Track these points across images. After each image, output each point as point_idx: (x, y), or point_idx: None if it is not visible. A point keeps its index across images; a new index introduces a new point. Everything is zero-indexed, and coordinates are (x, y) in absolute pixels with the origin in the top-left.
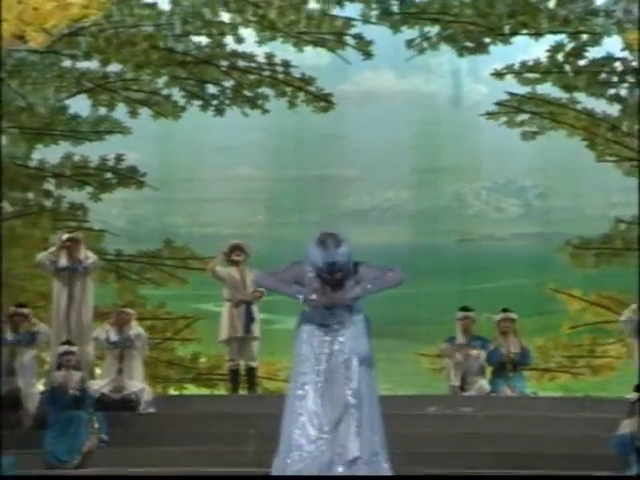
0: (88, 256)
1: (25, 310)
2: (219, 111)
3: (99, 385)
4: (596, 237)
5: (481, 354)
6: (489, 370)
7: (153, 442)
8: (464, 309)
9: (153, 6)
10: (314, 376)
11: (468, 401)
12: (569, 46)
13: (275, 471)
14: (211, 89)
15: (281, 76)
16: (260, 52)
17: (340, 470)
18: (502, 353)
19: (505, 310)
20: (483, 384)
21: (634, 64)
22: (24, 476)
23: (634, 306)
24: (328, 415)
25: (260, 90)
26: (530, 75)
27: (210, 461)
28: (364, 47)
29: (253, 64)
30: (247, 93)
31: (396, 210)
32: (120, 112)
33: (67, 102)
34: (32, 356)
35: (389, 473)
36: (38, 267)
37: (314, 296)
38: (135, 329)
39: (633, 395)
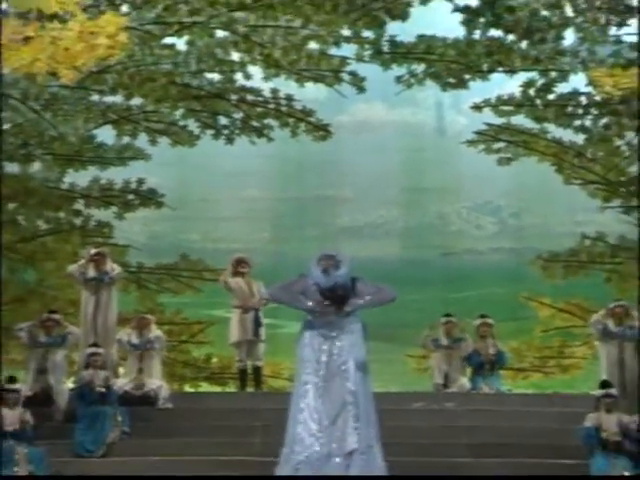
0: (113, 268)
1: (56, 316)
2: (229, 140)
3: (122, 383)
4: (564, 251)
5: (469, 343)
6: (469, 370)
7: (170, 434)
8: (447, 315)
9: (171, 46)
10: (314, 376)
11: (450, 397)
12: (540, 82)
13: (282, 460)
14: (222, 120)
15: (284, 108)
16: (266, 87)
17: (338, 460)
18: (481, 354)
19: (483, 316)
20: (464, 382)
21: (597, 98)
22: (25, 476)
23: (602, 312)
24: (327, 411)
25: (266, 121)
26: (505, 108)
27: (221, 451)
28: (358, 82)
29: (260, 98)
30: (254, 124)
31: (387, 227)
32: (142, 141)
33: (94, 132)
34: (63, 356)
35: (382, 464)
36: (69, 278)
37: (316, 307)
38: (154, 332)
39: (598, 391)
